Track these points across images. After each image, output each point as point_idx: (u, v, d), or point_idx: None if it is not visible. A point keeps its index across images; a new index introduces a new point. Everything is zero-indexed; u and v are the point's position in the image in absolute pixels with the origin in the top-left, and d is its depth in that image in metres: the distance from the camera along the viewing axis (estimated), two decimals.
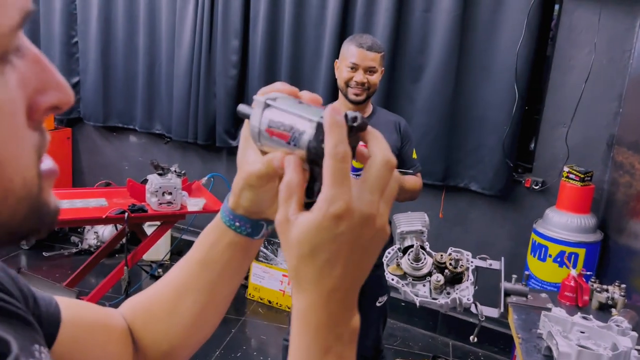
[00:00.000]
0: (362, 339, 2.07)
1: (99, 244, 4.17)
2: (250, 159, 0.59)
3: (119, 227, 3.52)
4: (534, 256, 2.92)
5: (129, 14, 4.06)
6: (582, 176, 2.81)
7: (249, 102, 0.58)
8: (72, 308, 0.65)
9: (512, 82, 3.03)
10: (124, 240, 3.26)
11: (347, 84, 2.24)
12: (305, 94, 0.59)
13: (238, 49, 3.71)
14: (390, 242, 2.40)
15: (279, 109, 0.54)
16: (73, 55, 4.34)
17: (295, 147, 0.51)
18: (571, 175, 2.85)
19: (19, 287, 0.58)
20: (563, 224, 2.84)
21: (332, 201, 0.46)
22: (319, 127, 0.50)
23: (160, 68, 4.05)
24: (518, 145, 3.19)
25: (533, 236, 2.95)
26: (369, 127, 0.51)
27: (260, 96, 0.56)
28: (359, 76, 2.22)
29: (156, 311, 0.71)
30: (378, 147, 0.49)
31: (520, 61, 2.99)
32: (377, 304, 2.42)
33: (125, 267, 3.03)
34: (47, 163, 0.42)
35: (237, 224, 0.64)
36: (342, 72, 2.26)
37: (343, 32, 3.37)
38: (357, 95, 2.25)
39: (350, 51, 2.22)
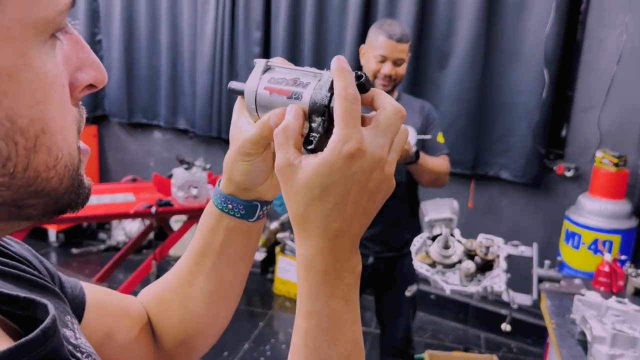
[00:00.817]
0: (393, 329, 2.04)
1: (126, 240, 4.20)
2: (243, 128, 0.59)
3: (146, 223, 3.53)
4: (567, 244, 2.85)
5: (151, 11, 4.07)
6: (616, 161, 2.72)
7: None
8: (96, 293, 0.67)
9: (541, 67, 2.94)
10: (151, 235, 3.28)
11: (374, 75, 2.18)
12: None
13: (260, 41, 3.69)
14: (418, 230, 2.36)
15: (280, 68, 0.55)
16: (97, 53, 4.31)
17: (297, 101, 0.52)
18: (604, 161, 2.76)
19: (45, 266, 0.60)
20: (597, 210, 2.76)
21: (345, 140, 0.47)
22: (324, 78, 0.51)
23: (183, 63, 4.06)
24: (549, 131, 3.10)
25: (566, 224, 2.87)
26: (373, 88, 0.52)
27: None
28: (387, 68, 2.14)
29: (168, 301, 0.71)
30: (387, 100, 0.50)
31: (549, 44, 2.90)
32: (407, 293, 2.37)
33: (154, 262, 3.04)
34: (80, 143, 0.45)
35: (230, 206, 0.63)
36: (369, 61, 2.18)
37: (366, 19, 3.32)
38: (384, 86, 2.19)
39: (379, 42, 2.12)
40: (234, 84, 0.58)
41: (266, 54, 3.73)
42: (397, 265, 2.36)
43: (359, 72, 0.50)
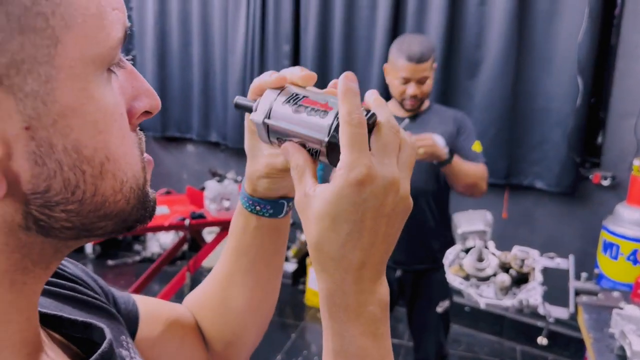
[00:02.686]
0: (425, 345, 1.99)
1: (161, 251, 4.27)
2: (266, 150, 0.61)
3: (180, 235, 3.58)
4: (605, 255, 2.77)
5: (183, 26, 4.16)
6: None
7: None
8: (148, 305, 0.70)
9: (575, 73, 2.89)
10: (185, 247, 3.32)
11: (401, 97, 2.14)
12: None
13: (290, 54, 3.73)
14: (451, 241, 2.33)
15: (291, 89, 0.54)
16: None
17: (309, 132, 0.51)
18: None
19: (99, 285, 0.64)
20: (635, 220, 2.68)
21: (352, 167, 0.45)
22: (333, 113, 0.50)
23: (215, 77, 4.12)
24: (584, 139, 3.03)
25: (603, 234, 2.80)
26: (370, 94, 0.51)
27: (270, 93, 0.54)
28: (412, 89, 2.09)
29: (209, 305, 0.74)
30: (381, 115, 0.49)
31: (582, 51, 2.85)
32: (438, 309, 2.33)
33: (188, 273, 3.08)
34: (146, 156, 0.47)
35: (258, 207, 0.65)
36: (393, 83, 2.14)
37: (395, 30, 3.32)
38: (412, 105, 2.16)
39: (400, 65, 2.07)
40: (240, 100, 0.57)
41: (295, 66, 3.76)
42: (427, 279, 2.31)
43: (368, 111, 0.49)
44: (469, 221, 2.11)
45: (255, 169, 0.63)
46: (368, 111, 0.49)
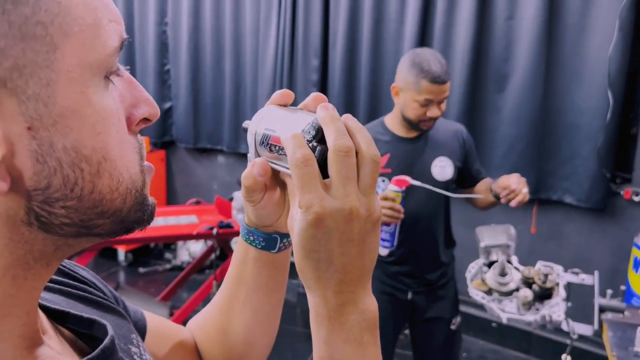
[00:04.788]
0: None
1: (190, 260, 4.34)
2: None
3: (209, 244, 3.65)
4: (636, 272, 2.71)
5: (216, 41, 4.25)
6: None
7: None
8: (155, 321, 0.72)
9: (605, 87, 2.85)
10: (213, 255, 3.38)
11: (418, 120, 2.02)
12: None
13: (318, 68, 3.78)
14: (452, 258, 2.32)
15: (276, 111, 0.59)
16: (165, 82, 4.60)
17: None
18: None
19: (109, 290, 0.67)
20: None
21: (307, 208, 0.48)
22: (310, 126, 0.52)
23: (245, 90, 4.20)
24: (615, 153, 2.98)
25: (634, 251, 2.74)
26: (321, 111, 0.51)
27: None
28: (434, 112, 1.98)
29: (210, 331, 0.75)
30: (329, 135, 0.49)
31: (612, 65, 2.81)
32: (452, 327, 2.30)
33: (214, 282, 3.13)
34: (147, 163, 0.50)
35: (251, 237, 0.66)
36: (409, 106, 1.99)
37: (422, 44, 3.34)
38: (429, 127, 2.07)
39: (422, 87, 1.93)
40: (246, 123, 0.61)
41: (323, 80, 3.81)
42: (439, 296, 2.26)
43: (315, 145, 0.50)
44: (492, 235, 2.10)
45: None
46: (313, 141, 0.51)
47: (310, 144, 0.50)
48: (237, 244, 0.69)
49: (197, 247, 4.39)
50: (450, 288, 2.30)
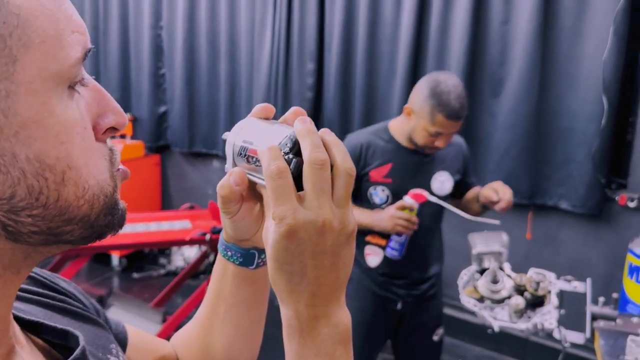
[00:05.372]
0: None
1: (185, 265, 4.32)
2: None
3: (203, 249, 3.63)
4: (631, 279, 2.69)
5: (211, 45, 4.24)
6: None
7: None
8: (137, 335, 0.72)
9: (600, 92, 2.84)
10: (207, 261, 3.36)
11: (425, 144, 2.00)
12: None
13: (313, 72, 3.76)
14: (440, 267, 2.31)
15: (256, 123, 0.60)
16: (160, 85, 4.59)
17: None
18: None
19: (91, 302, 0.67)
20: None
21: (280, 220, 0.48)
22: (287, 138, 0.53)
23: (241, 95, 4.19)
24: (610, 159, 2.97)
25: (629, 257, 2.72)
26: (299, 124, 0.52)
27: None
28: (442, 142, 1.97)
29: (192, 347, 0.74)
30: (305, 148, 0.50)
31: (607, 70, 2.80)
32: (435, 338, 2.30)
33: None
34: (121, 167, 0.50)
35: (229, 253, 0.66)
36: (419, 133, 1.97)
37: (418, 47, 3.33)
38: (432, 152, 2.07)
39: (437, 120, 1.90)
40: (226, 135, 0.61)
41: (319, 84, 3.79)
42: (426, 307, 2.26)
43: (291, 158, 0.51)
44: (485, 242, 2.08)
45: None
46: (290, 154, 0.51)
47: (286, 157, 0.50)
48: (216, 261, 0.69)
49: (191, 252, 4.37)
50: (438, 299, 2.30)
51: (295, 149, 0.51)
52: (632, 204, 2.92)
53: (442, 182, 2.13)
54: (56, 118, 0.42)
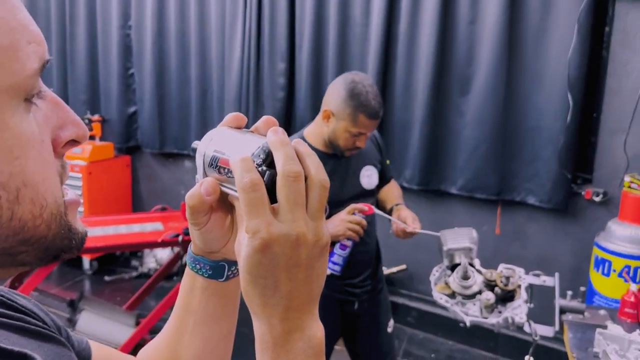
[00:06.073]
0: None
1: (158, 267, 4.28)
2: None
3: (176, 250, 3.60)
4: (597, 271, 2.77)
5: (180, 45, 4.20)
6: None
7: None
8: (102, 351, 0.69)
9: (565, 90, 2.91)
10: (180, 262, 3.34)
11: (346, 147, 2.00)
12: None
13: (285, 72, 3.76)
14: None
15: (227, 133, 0.58)
16: (130, 86, 4.53)
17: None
18: (633, 185, 2.69)
19: (51, 319, 0.63)
20: (627, 236, 2.68)
21: (253, 234, 0.47)
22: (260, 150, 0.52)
23: (212, 94, 4.16)
24: (576, 155, 3.05)
25: (595, 250, 2.80)
26: (272, 135, 0.51)
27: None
28: (362, 143, 1.99)
29: None
30: (279, 160, 0.49)
31: (572, 68, 2.87)
32: (389, 329, 2.33)
33: None
34: (70, 193, 0.48)
35: (198, 266, 0.64)
36: (340, 135, 1.97)
37: (387, 47, 3.36)
38: (352, 155, 2.07)
39: (359, 121, 1.92)
40: (195, 144, 0.60)
41: (290, 84, 3.80)
42: (378, 301, 2.28)
43: (265, 169, 0.50)
44: (455, 239, 2.12)
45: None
46: (263, 165, 0.50)
47: (260, 168, 0.50)
48: (185, 274, 0.67)
49: (164, 254, 4.33)
50: (385, 291, 2.34)
51: (269, 160, 0.51)
52: (597, 199, 3.00)
53: (370, 176, 2.15)
54: (10, 132, 0.40)
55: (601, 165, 3.02)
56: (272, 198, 0.49)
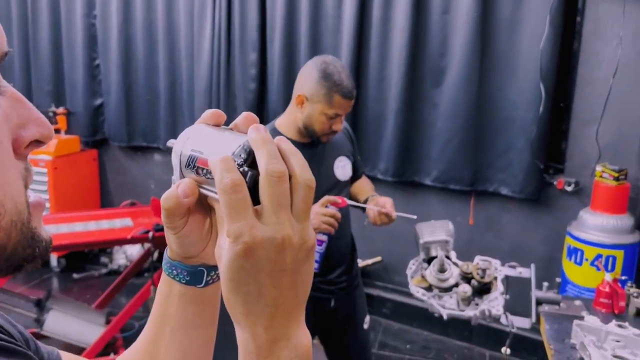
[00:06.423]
0: None
1: (128, 263, 4.19)
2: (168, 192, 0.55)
3: (147, 246, 3.52)
4: (570, 260, 2.80)
5: (148, 34, 4.09)
6: (616, 175, 2.68)
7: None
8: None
9: (538, 81, 2.92)
10: (151, 258, 3.26)
11: (323, 131, 1.97)
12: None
13: (256, 62, 3.70)
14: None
15: (206, 130, 0.54)
16: (95, 77, 4.39)
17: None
18: (605, 174, 2.72)
19: (18, 330, 0.60)
20: (598, 225, 2.72)
21: (236, 237, 0.44)
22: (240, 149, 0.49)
23: (181, 85, 4.07)
24: (548, 145, 3.07)
25: (568, 239, 2.83)
26: (253, 132, 0.48)
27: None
28: (339, 125, 1.96)
29: None
30: (261, 159, 0.46)
31: (544, 58, 2.88)
32: (365, 326, 2.32)
33: (152, 287, 3.02)
34: (33, 196, 0.45)
35: (175, 272, 0.60)
36: (316, 119, 1.93)
37: (360, 38, 3.33)
38: (329, 139, 2.03)
39: (335, 102, 1.89)
40: (170, 142, 0.55)
41: (262, 75, 3.73)
42: (354, 298, 2.25)
43: (246, 170, 0.47)
44: (432, 231, 2.10)
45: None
46: (244, 165, 0.47)
47: (241, 169, 0.47)
48: (161, 280, 0.63)
49: (134, 250, 4.23)
50: (361, 288, 2.32)
51: (250, 160, 0.47)
52: (569, 188, 3.03)
53: (343, 167, 2.13)
54: None
55: (573, 155, 3.05)
56: (255, 200, 0.46)
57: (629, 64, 2.79)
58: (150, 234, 2.91)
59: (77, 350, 2.87)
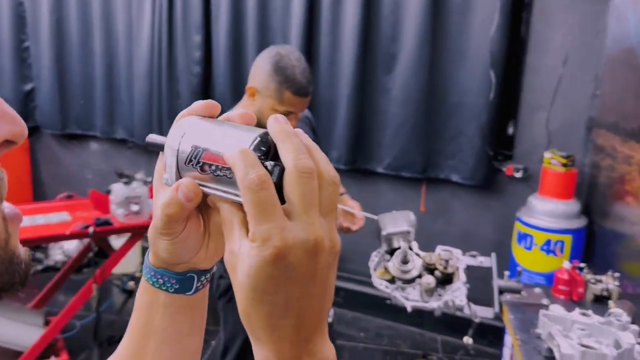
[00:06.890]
0: None
1: (65, 259, 3.96)
2: (161, 197, 0.49)
3: (85, 241, 3.32)
4: (520, 245, 2.85)
5: (82, 14, 3.84)
6: (564, 161, 2.73)
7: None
8: None
9: (488, 67, 2.93)
10: (91, 254, 3.08)
11: None
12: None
13: (201, 45, 3.54)
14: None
15: (205, 124, 0.48)
16: (25, 60, 4.10)
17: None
18: (553, 161, 2.77)
19: None
20: (547, 211, 2.77)
21: (263, 241, 0.40)
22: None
23: (119, 69, 3.85)
24: (497, 132, 3.10)
25: (517, 225, 2.88)
26: (274, 124, 0.44)
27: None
28: (293, 122, 1.86)
29: None
30: (287, 154, 0.42)
31: (494, 45, 2.89)
32: (329, 319, 2.29)
33: (94, 285, 2.85)
34: (9, 207, 0.40)
35: (161, 280, 0.54)
36: (267, 115, 1.71)
37: (311, 20, 3.23)
38: None
39: (285, 98, 1.80)
40: (152, 138, 0.50)
41: (207, 57, 3.58)
42: None
43: (273, 164, 0.42)
44: (394, 222, 2.07)
45: (153, 224, 0.51)
46: (267, 158, 0.43)
47: (265, 163, 0.42)
48: (140, 289, 0.56)
49: (71, 245, 4.01)
50: None
51: (270, 154, 0.43)
52: (517, 174, 3.07)
53: None
54: None
55: (522, 142, 3.09)
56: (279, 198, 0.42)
57: (576, 52, 2.84)
58: (91, 229, 2.73)
59: (14, 355, 2.69)
